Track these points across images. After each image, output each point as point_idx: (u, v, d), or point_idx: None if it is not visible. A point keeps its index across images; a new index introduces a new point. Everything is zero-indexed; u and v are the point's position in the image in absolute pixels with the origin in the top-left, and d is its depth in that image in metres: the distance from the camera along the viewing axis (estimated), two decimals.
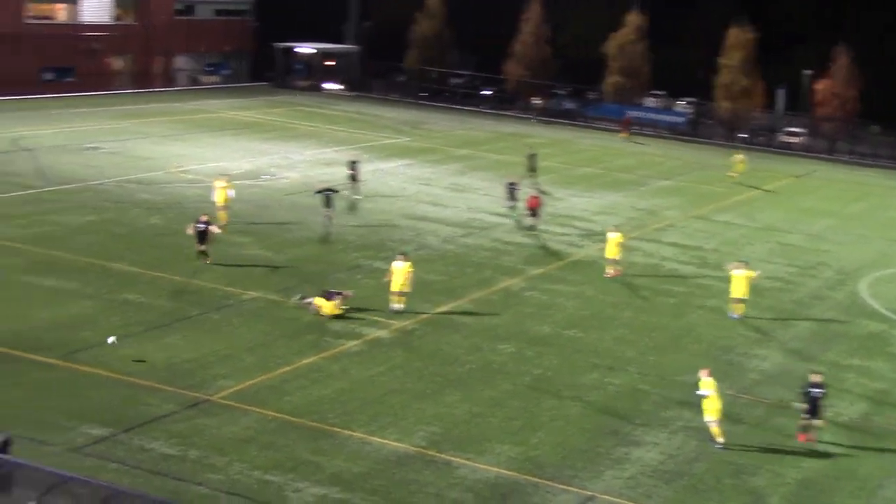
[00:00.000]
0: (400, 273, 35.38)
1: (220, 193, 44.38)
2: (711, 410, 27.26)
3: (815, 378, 28.26)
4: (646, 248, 48.04)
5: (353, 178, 52.59)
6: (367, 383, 29.56)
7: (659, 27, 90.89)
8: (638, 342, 35.13)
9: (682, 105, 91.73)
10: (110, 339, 29.96)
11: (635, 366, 32.82)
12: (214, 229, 39.15)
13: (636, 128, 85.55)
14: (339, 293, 35.06)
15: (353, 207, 49.92)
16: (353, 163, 53.34)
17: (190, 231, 38.76)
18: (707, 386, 27.34)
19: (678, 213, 56.42)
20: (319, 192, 45.96)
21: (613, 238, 42.39)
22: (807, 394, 27.99)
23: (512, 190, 52.20)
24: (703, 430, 27.65)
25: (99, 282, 35.95)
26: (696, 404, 28.36)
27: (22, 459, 20.00)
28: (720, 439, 27.20)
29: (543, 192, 55.57)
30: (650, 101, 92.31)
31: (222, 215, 44.00)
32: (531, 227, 48.76)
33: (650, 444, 27.23)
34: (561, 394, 30.06)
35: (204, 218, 38.92)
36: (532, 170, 61.12)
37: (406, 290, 35.51)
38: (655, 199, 60.05)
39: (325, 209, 45.56)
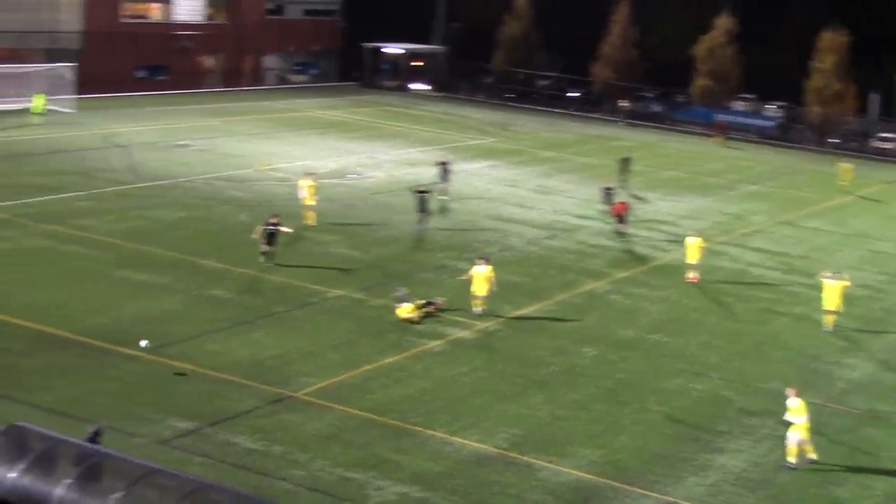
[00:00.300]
0: (480, 277, 35.27)
1: (308, 193, 44.74)
2: (801, 429, 26.30)
3: None
4: (732, 253, 47.51)
5: (443, 179, 52.60)
6: (449, 383, 29.64)
7: (749, 30, 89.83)
8: (722, 348, 34.76)
9: (771, 109, 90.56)
10: (143, 343, 29.41)
11: (719, 372, 32.48)
12: (284, 230, 38.90)
13: (728, 132, 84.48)
14: (431, 302, 35.03)
15: (442, 209, 49.87)
16: (444, 164, 53.41)
17: (256, 234, 38.52)
18: (797, 411, 26.21)
19: (766, 219, 55.70)
20: (417, 192, 45.85)
21: (693, 242, 41.95)
22: None
23: (608, 194, 51.66)
24: None
25: (188, 277, 36.51)
26: (781, 412, 27.97)
27: (111, 450, 20.38)
28: (793, 459, 26.36)
29: (637, 198, 55.37)
30: (739, 105, 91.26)
31: (310, 215, 44.36)
32: (620, 233, 48.36)
33: (733, 452, 26.94)
34: (644, 398, 29.86)
35: (273, 220, 38.55)
36: (624, 174, 60.53)
37: (485, 293, 35.31)
38: (743, 203, 59.35)
39: (419, 213, 45.49)
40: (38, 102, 63.93)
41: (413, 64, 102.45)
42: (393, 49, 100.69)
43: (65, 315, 31.62)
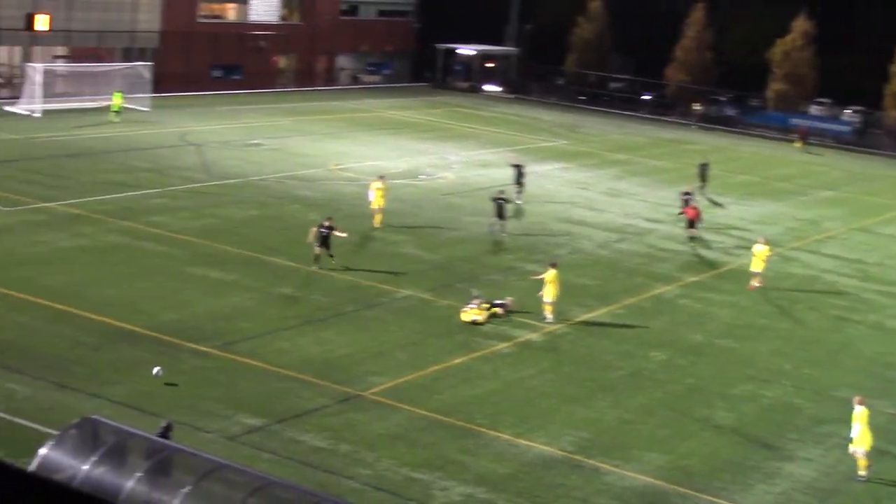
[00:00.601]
0: (548, 281, 34.96)
1: (377, 195, 44.76)
2: (862, 442, 25.80)
3: None
4: (805, 259, 46.94)
5: (518, 183, 51.83)
6: (516, 385, 29.62)
7: (827, 33, 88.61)
8: (793, 355, 34.36)
9: (848, 114, 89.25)
10: (155, 370, 27.25)
11: (790, 379, 32.11)
12: (339, 234, 38.08)
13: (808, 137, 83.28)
14: (501, 304, 34.97)
15: (517, 212, 49.55)
16: (518, 166, 52.63)
17: (311, 237, 37.93)
18: (857, 418, 25.66)
19: (840, 225, 54.94)
20: (496, 198, 44.86)
21: (761, 251, 40.91)
22: None
23: (686, 201, 49.96)
24: None
25: (258, 275, 36.84)
26: (851, 421, 27.55)
27: (181, 445, 20.67)
28: (863, 472, 25.76)
29: (716, 203, 54.89)
30: (815, 110, 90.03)
31: (377, 217, 44.39)
32: (692, 238, 47.42)
33: (803, 460, 26.62)
34: (712, 404, 29.62)
35: (327, 223, 37.99)
36: (702, 179, 59.32)
37: (552, 299, 34.99)
38: (817, 209, 58.60)
39: (496, 219, 44.57)
40: (116, 101, 64.91)
41: (486, 65, 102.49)
42: (466, 50, 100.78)
43: (137, 310, 32.08)
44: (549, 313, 34.91)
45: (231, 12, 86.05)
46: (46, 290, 32.99)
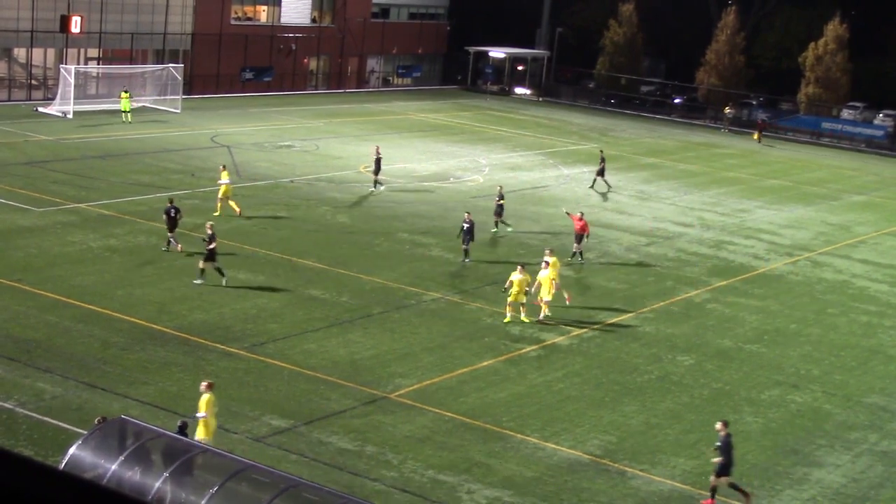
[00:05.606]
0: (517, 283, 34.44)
1: (223, 185, 43.96)
2: (204, 433, 22.90)
3: None
4: (836, 264, 46.65)
5: (376, 171, 50.62)
6: (543, 388, 29.58)
7: (860, 37, 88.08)
8: (823, 360, 34.16)
9: (881, 118, 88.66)
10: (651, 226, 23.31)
11: (819, 384, 31.92)
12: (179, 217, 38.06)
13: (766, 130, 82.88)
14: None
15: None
16: (378, 156, 50.76)
17: (165, 218, 38.16)
18: (204, 407, 23.10)
19: (872, 230, 54.56)
20: (463, 224, 41.18)
21: (550, 262, 35.49)
22: None
23: (581, 214, 44.19)
24: (891, 455, 26.72)
25: (287, 276, 36.95)
26: (882, 427, 27.39)
27: (208, 445, 20.75)
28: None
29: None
30: (847, 113, 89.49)
31: (219, 206, 43.70)
32: (573, 255, 42.57)
33: (832, 466, 26.45)
34: (740, 409, 29.48)
35: (170, 204, 38.19)
36: (600, 174, 56.78)
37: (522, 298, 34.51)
38: (848, 214, 58.23)
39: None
40: (124, 103, 64.27)
41: (517, 68, 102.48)
42: (496, 53, 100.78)
43: (166, 311, 32.25)
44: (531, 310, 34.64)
45: (263, 14, 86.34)
46: (76, 289, 33.22)
